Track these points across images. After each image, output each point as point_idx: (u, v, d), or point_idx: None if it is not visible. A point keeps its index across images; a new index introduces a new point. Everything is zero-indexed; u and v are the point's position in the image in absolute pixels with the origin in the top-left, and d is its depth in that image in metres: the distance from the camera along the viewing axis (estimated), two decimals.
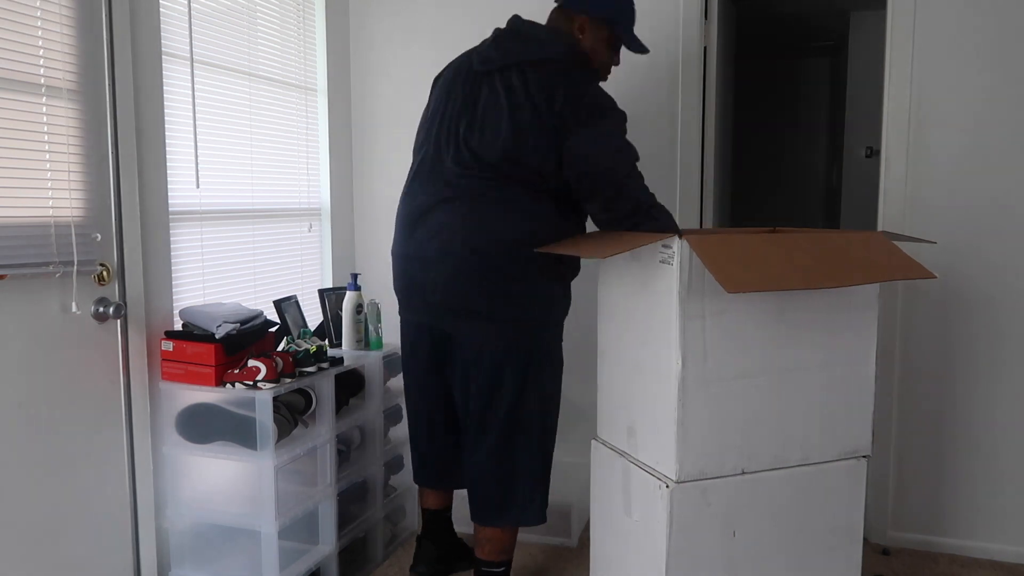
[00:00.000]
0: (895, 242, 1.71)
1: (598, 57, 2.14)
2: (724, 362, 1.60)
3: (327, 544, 2.28)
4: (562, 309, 2.17)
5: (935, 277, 1.60)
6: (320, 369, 2.21)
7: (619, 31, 2.14)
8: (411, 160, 2.19)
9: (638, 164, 2.01)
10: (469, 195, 1.99)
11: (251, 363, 2.02)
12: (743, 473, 1.64)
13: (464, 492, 2.22)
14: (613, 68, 2.22)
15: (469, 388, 2.09)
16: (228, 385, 2.03)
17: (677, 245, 1.54)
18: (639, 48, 2.18)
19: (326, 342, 2.40)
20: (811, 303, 1.66)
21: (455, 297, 2.02)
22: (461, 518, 2.36)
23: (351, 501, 2.46)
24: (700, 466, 1.60)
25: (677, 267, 1.54)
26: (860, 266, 1.58)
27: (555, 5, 2.16)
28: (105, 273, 1.95)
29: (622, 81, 2.76)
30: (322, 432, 2.24)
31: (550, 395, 2.15)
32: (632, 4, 2.18)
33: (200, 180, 2.29)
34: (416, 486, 2.43)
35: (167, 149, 2.15)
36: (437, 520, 2.37)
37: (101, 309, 1.93)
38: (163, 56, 2.13)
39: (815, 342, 1.68)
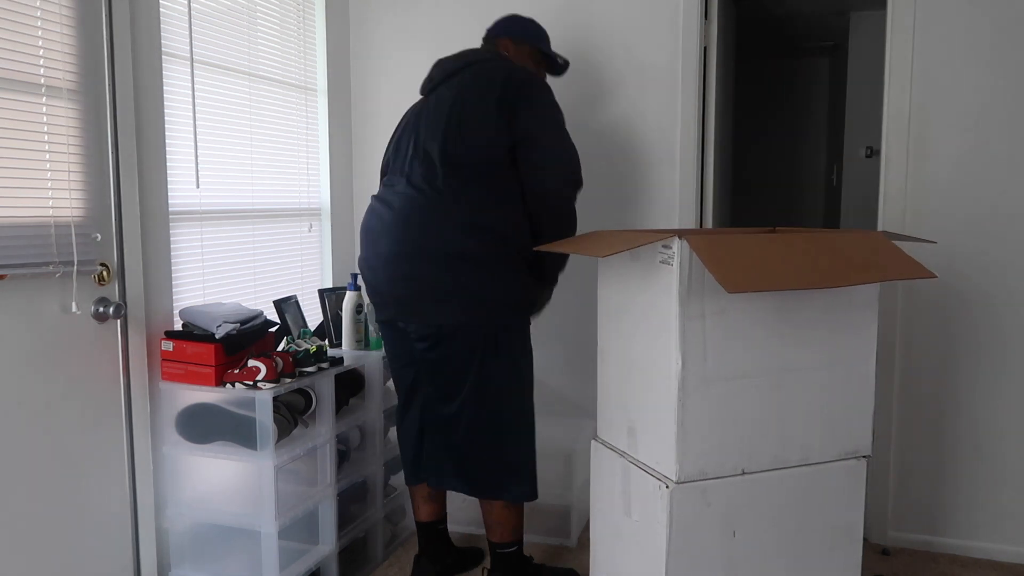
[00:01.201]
0: (895, 242, 1.71)
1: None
2: (724, 362, 1.59)
3: (327, 544, 2.28)
4: (527, 295, 2.16)
5: (935, 277, 1.60)
6: (320, 369, 2.21)
7: (542, 47, 2.35)
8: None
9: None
10: (425, 194, 2.06)
11: (251, 363, 2.02)
12: (743, 473, 1.64)
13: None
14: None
15: (436, 378, 2.14)
16: (228, 385, 2.03)
17: (677, 245, 1.53)
18: (560, 64, 2.40)
19: (326, 342, 2.40)
20: (811, 303, 1.66)
21: (409, 285, 2.07)
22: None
23: (351, 501, 2.46)
24: (700, 466, 1.60)
25: (677, 267, 1.54)
26: (860, 266, 1.58)
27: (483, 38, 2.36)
28: (105, 273, 1.95)
29: (622, 81, 2.76)
30: (322, 432, 2.24)
31: (516, 380, 2.15)
32: (540, 28, 2.37)
33: (200, 180, 2.29)
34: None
35: (167, 149, 2.15)
36: (432, 533, 2.36)
37: (101, 309, 1.93)
38: (163, 56, 2.13)
39: (815, 341, 1.68)
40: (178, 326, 2.16)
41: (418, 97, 2.28)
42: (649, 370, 1.66)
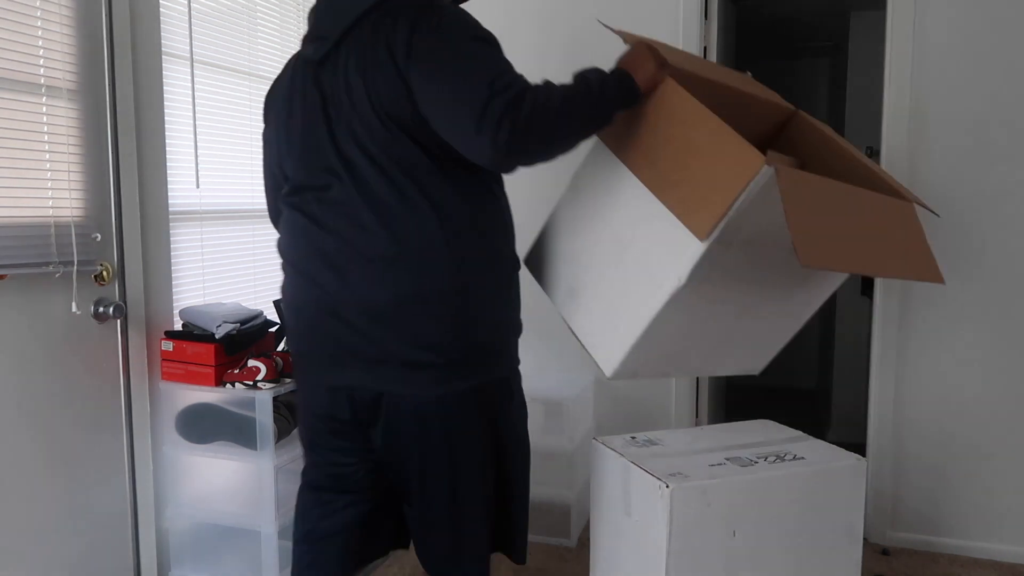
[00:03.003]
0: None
1: None
2: (719, 286, 1.51)
3: None
4: (515, 331, 1.61)
5: (942, 283, 1.62)
6: None
7: None
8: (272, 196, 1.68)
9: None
10: (357, 205, 1.45)
11: (251, 363, 2.02)
12: (665, 376, 1.69)
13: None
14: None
15: (404, 466, 1.55)
16: (228, 385, 2.03)
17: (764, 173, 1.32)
18: None
19: None
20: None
21: (373, 343, 1.46)
22: None
23: None
24: (633, 367, 1.55)
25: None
26: (899, 253, 1.55)
27: None
28: (105, 273, 1.95)
29: None
30: None
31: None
32: None
33: (200, 180, 2.29)
34: None
35: (167, 149, 2.15)
36: None
37: (101, 309, 1.93)
38: (163, 56, 2.13)
39: (786, 289, 1.68)
40: (178, 326, 2.16)
41: None
42: (632, 259, 1.49)
